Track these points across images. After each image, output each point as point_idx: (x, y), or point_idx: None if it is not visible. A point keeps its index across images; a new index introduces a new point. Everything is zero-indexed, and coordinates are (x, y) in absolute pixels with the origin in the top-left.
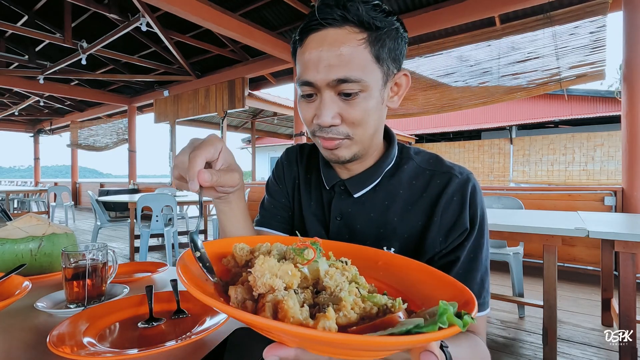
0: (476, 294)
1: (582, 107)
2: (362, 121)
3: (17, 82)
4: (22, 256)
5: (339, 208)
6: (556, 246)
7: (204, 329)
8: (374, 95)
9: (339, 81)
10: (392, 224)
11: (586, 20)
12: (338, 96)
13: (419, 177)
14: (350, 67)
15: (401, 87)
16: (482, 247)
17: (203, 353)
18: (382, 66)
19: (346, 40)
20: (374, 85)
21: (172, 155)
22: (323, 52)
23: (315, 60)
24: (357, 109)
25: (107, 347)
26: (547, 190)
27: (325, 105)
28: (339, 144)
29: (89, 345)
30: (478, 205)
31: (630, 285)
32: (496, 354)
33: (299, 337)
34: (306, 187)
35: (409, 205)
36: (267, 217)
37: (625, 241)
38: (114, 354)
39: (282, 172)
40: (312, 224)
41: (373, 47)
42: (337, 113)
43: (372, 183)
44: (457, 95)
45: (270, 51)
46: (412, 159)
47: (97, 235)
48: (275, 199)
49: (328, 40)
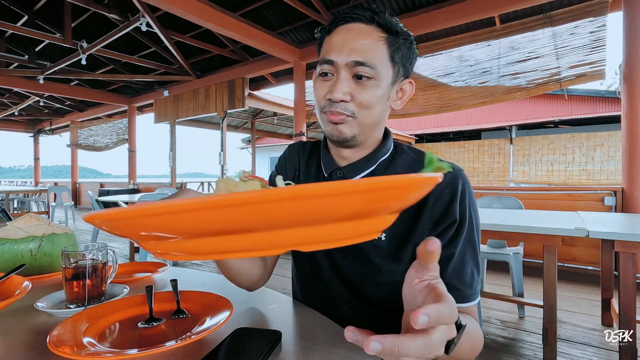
0: (468, 286)
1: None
2: (368, 104)
3: (17, 82)
4: (22, 256)
5: None
6: (556, 246)
7: (204, 329)
8: (382, 86)
9: (357, 63)
10: None
11: (586, 20)
12: (352, 78)
13: (413, 168)
14: (369, 55)
15: (405, 92)
16: (475, 241)
17: (203, 353)
18: (394, 67)
19: (370, 34)
20: (384, 78)
21: (172, 156)
22: (349, 38)
23: (340, 44)
24: (366, 92)
25: (107, 347)
26: (547, 190)
27: (340, 83)
28: (343, 119)
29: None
30: (468, 199)
31: (630, 285)
32: (496, 354)
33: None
34: (306, 177)
35: None
36: None
37: (625, 241)
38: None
39: (285, 164)
40: None
41: (390, 47)
42: (348, 92)
43: (367, 169)
44: (457, 95)
45: (270, 51)
46: (406, 153)
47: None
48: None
49: (355, 31)
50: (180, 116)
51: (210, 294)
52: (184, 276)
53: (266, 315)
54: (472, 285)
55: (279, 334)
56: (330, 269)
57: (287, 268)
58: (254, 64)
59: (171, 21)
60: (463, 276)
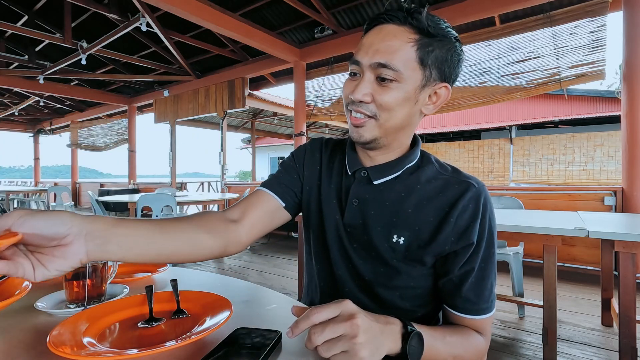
0: (486, 299)
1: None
2: (388, 106)
3: (17, 82)
4: None
5: (357, 193)
6: (556, 246)
7: (204, 329)
8: (407, 90)
9: (379, 65)
10: (406, 214)
11: (586, 20)
12: (376, 80)
13: (437, 179)
14: (393, 57)
15: (440, 97)
16: (492, 256)
17: (203, 353)
18: (425, 70)
19: (399, 36)
20: (410, 81)
21: (171, 156)
22: (377, 39)
23: (367, 45)
24: (387, 94)
25: (107, 347)
26: (547, 190)
27: (362, 83)
28: (364, 122)
29: (89, 345)
30: (489, 216)
31: (630, 285)
32: (496, 354)
33: None
34: (328, 173)
35: (424, 200)
36: (274, 183)
37: (625, 241)
38: (114, 354)
39: (304, 156)
40: (329, 207)
41: (421, 50)
42: (369, 92)
43: (393, 174)
44: (457, 95)
45: (270, 51)
46: (432, 164)
47: None
48: (287, 172)
49: (384, 32)
50: (180, 116)
51: (210, 294)
52: (184, 276)
53: (266, 315)
54: (490, 299)
55: (279, 334)
56: (345, 269)
57: (287, 268)
58: (254, 64)
59: (171, 21)
60: (482, 290)
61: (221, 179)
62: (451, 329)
